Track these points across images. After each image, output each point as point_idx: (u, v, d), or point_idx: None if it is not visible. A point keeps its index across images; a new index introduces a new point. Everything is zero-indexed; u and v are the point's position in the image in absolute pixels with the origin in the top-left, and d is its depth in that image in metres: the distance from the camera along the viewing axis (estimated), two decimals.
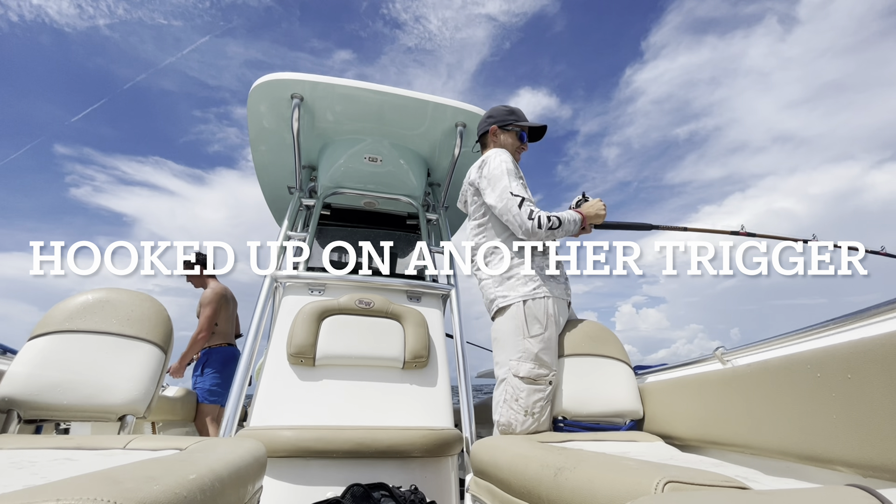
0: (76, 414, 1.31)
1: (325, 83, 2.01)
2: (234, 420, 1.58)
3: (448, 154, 2.41)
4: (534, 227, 1.57)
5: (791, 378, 1.04)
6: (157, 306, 1.50)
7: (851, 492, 0.53)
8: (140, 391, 1.34)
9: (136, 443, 0.99)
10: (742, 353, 1.37)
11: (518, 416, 1.50)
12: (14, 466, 0.77)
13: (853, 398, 0.88)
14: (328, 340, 1.73)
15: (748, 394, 1.18)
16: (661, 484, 0.65)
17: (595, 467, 0.80)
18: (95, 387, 1.30)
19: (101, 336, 1.37)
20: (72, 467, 0.77)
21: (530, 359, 1.53)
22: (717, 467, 1.01)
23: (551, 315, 1.57)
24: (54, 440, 1.02)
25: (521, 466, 1.00)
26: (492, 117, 1.88)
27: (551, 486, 0.85)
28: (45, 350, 1.31)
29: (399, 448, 1.48)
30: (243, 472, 0.83)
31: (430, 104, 2.13)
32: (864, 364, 0.87)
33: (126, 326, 1.41)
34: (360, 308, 1.81)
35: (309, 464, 1.45)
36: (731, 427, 1.24)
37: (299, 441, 1.43)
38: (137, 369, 1.36)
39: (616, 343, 1.73)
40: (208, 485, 0.65)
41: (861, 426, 0.87)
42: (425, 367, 1.81)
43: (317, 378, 1.70)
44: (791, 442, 1.03)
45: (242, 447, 0.93)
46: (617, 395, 1.61)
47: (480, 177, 1.72)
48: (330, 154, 2.41)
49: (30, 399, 1.24)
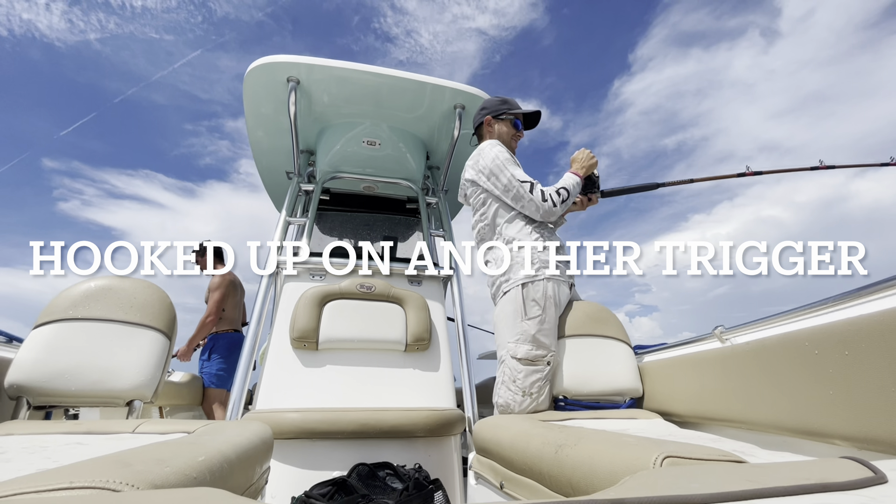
0: (85, 399, 1.33)
1: (322, 65, 1.98)
2: (240, 403, 1.61)
3: (447, 137, 2.38)
4: (550, 208, 1.63)
5: (789, 355, 1.06)
6: (160, 293, 1.51)
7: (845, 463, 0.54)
8: (146, 376, 1.36)
9: (144, 427, 1.01)
10: (741, 332, 1.38)
11: (516, 396, 1.53)
12: (26, 451, 0.78)
13: (850, 374, 0.90)
14: (330, 324, 1.74)
15: (746, 371, 1.20)
16: (660, 459, 0.66)
17: (595, 444, 0.81)
18: (102, 373, 1.32)
19: (106, 323, 1.38)
20: (83, 451, 0.79)
21: (528, 340, 1.54)
22: (714, 442, 1.03)
23: (550, 297, 1.59)
24: (64, 425, 1.04)
25: (523, 444, 1.02)
26: (485, 108, 1.89)
27: (552, 462, 0.87)
28: (51, 338, 1.32)
29: (403, 428, 1.50)
30: (251, 454, 0.85)
31: (429, 86, 2.10)
32: (861, 340, 0.88)
33: (130, 313, 1.42)
34: (361, 292, 1.82)
35: (315, 445, 1.48)
36: (728, 403, 1.26)
37: (305, 423, 1.45)
38: (143, 355, 1.38)
39: (616, 323, 1.74)
40: (217, 466, 0.66)
41: (857, 401, 0.88)
42: (427, 350, 1.83)
43: (320, 362, 1.72)
44: (788, 417, 1.05)
45: (249, 429, 0.95)
46: (617, 374, 1.64)
47: (478, 172, 1.73)
48: (328, 138, 2.38)
49: (38, 386, 1.26)
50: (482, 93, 2.16)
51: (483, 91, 2.16)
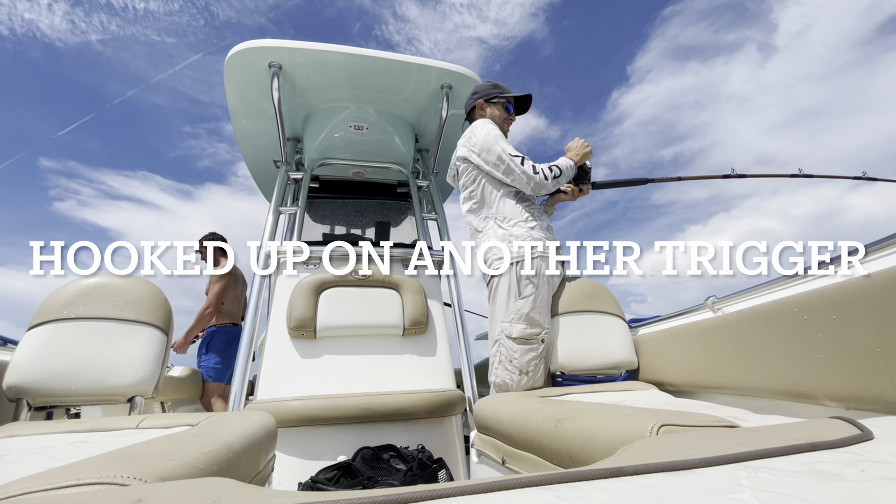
0: (85, 398, 1.33)
1: (304, 49, 1.93)
2: (241, 394, 1.62)
3: (435, 118, 2.35)
4: (541, 180, 1.62)
5: (779, 321, 1.08)
6: (154, 289, 1.50)
7: (833, 423, 0.56)
8: (146, 372, 1.36)
9: (148, 422, 1.02)
10: (732, 301, 1.40)
11: (513, 375, 1.55)
12: (31, 452, 0.79)
13: (838, 337, 0.92)
14: (327, 312, 1.74)
15: (738, 339, 1.22)
16: (656, 427, 0.68)
17: (593, 416, 0.83)
18: (102, 371, 1.31)
19: (101, 322, 1.38)
20: (88, 449, 0.79)
21: (522, 319, 1.56)
22: (708, 409, 1.06)
23: (542, 274, 1.60)
24: (67, 424, 1.04)
25: (523, 420, 1.04)
26: (476, 93, 1.87)
27: (552, 436, 0.89)
28: (47, 338, 1.31)
29: (405, 411, 1.53)
30: (256, 443, 0.86)
31: (414, 66, 2.06)
32: (849, 304, 0.90)
33: (125, 311, 1.41)
34: (357, 279, 1.82)
35: (318, 431, 1.50)
36: (722, 371, 1.29)
37: (308, 410, 1.47)
38: (141, 351, 1.37)
39: (610, 298, 1.76)
40: (223, 456, 0.67)
41: (845, 362, 0.91)
42: (425, 333, 1.85)
43: (319, 350, 1.73)
44: (779, 381, 1.08)
45: (253, 419, 0.96)
46: (612, 347, 1.66)
47: (470, 149, 1.72)
48: (314, 124, 2.34)
49: (38, 386, 1.26)
50: (469, 71, 2.12)
51: (469, 70, 2.13)
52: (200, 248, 3.26)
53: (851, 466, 0.41)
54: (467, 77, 2.12)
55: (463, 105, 2.25)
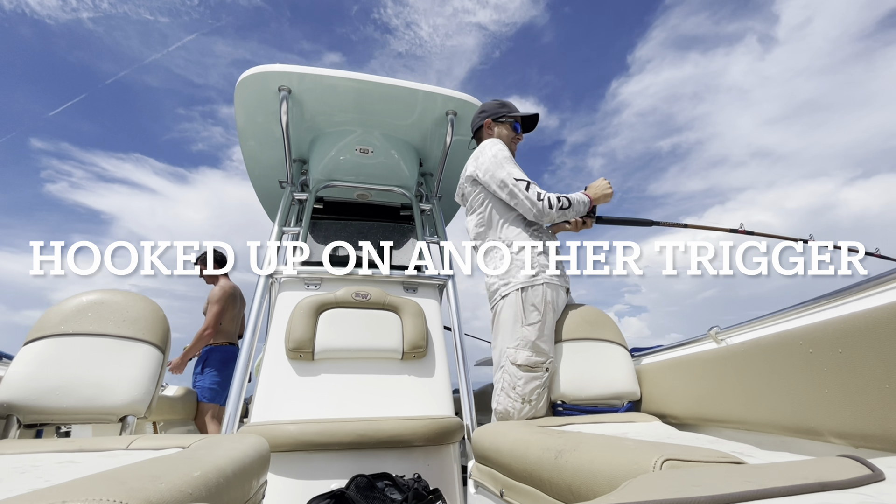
0: (77, 416, 1.31)
1: (313, 75, 1.99)
2: (235, 416, 1.59)
3: (440, 143, 2.39)
4: (544, 208, 1.60)
5: (784, 354, 1.06)
6: (153, 306, 1.49)
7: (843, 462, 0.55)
8: (140, 391, 1.34)
9: (138, 443, 0.99)
10: (736, 332, 1.39)
11: (515, 403, 1.52)
12: (17, 471, 0.77)
13: (845, 372, 0.90)
14: (326, 334, 1.73)
15: (742, 371, 1.20)
16: (660, 462, 0.66)
17: (594, 448, 0.81)
18: (95, 388, 1.30)
19: (98, 338, 1.36)
20: (76, 469, 0.77)
21: (528, 346, 1.54)
22: (712, 444, 1.03)
23: (549, 302, 1.59)
24: (56, 443, 1.02)
25: (522, 450, 1.02)
26: (484, 111, 1.89)
27: (552, 468, 0.86)
28: (43, 354, 1.30)
29: (401, 438, 1.49)
30: (247, 468, 0.84)
31: (420, 93, 2.11)
32: (855, 338, 0.89)
33: (122, 327, 1.40)
34: (357, 301, 1.81)
35: (312, 457, 1.46)
36: (726, 404, 1.27)
37: (302, 435, 1.44)
38: (136, 370, 1.36)
39: (613, 327, 1.74)
40: (213, 481, 0.65)
41: (853, 398, 0.89)
42: (424, 357, 1.83)
43: (316, 372, 1.71)
44: (785, 416, 1.05)
45: (245, 443, 0.94)
46: (614, 377, 1.64)
47: (477, 168, 1.72)
48: (320, 147, 2.38)
49: (29, 403, 1.24)
50: (473, 99, 2.18)
51: (474, 97, 2.18)
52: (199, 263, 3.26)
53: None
54: (471, 104, 2.17)
55: (467, 131, 2.30)
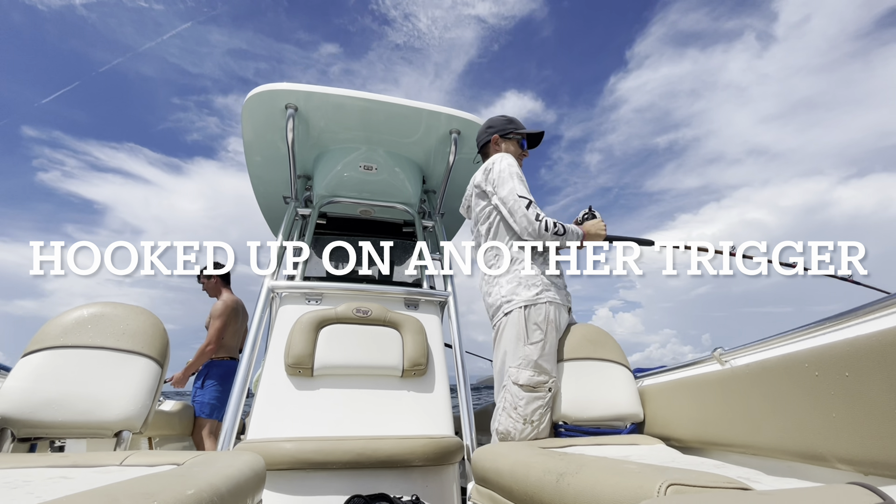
0: (71, 431, 1.29)
1: (320, 93, 2.02)
2: (232, 433, 1.56)
3: (443, 161, 2.42)
4: (540, 229, 1.60)
5: (789, 377, 1.05)
6: (153, 319, 1.49)
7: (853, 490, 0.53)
8: (136, 406, 1.32)
9: (132, 459, 0.98)
10: (740, 354, 1.37)
11: (517, 424, 1.50)
12: (8, 486, 0.75)
13: (852, 396, 0.89)
14: (326, 350, 1.72)
15: (747, 394, 1.18)
16: (664, 487, 0.65)
17: (597, 471, 0.79)
18: (91, 402, 1.28)
19: (97, 351, 1.36)
20: (67, 486, 0.76)
21: (530, 366, 1.52)
22: (718, 469, 1.01)
23: (552, 321, 1.57)
24: (49, 458, 1.00)
25: (523, 473, 1.00)
26: (492, 127, 1.90)
27: (554, 491, 0.84)
28: (40, 366, 1.29)
29: (400, 457, 1.46)
30: (242, 486, 0.82)
31: (425, 112, 2.14)
32: (862, 361, 0.88)
33: (122, 341, 1.39)
34: (357, 317, 1.81)
35: (309, 476, 1.43)
36: (731, 428, 1.24)
37: (299, 453, 1.41)
38: (133, 384, 1.35)
39: (615, 346, 1.73)
40: (207, 500, 0.64)
41: (860, 424, 0.87)
42: (424, 375, 1.81)
43: (315, 388, 1.69)
44: (791, 441, 1.03)
45: (241, 461, 0.92)
46: (617, 398, 1.61)
47: (486, 180, 1.73)
48: (325, 163, 2.41)
49: (24, 417, 1.22)
50: (477, 118, 2.21)
51: (477, 116, 2.21)
52: (202, 279, 3.28)
53: None
54: (475, 123, 2.20)
55: (470, 150, 2.32)
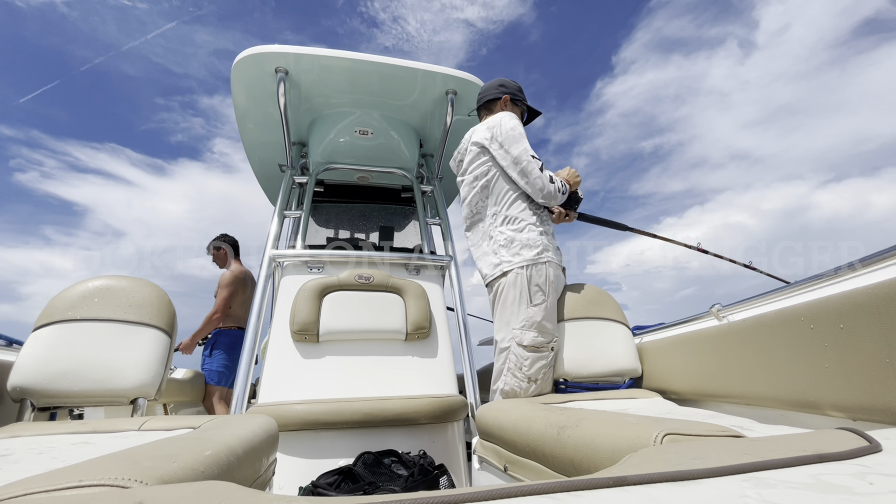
0: (89, 399, 1.33)
1: (310, 55, 1.95)
2: (243, 398, 1.62)
3: (440, 123, 2.36)
4: (554, 191, 1.61)
5: (785, 330, 1.07)
6: (158, 291, 1.51)
7: (841, 434, 0.56)
8: (149, 374, 1.36)
9: (150, 424, 1.02)
10: (738, 309, 1.39)
11: (522, 383, 1.53)
12: (33, 452, 0.79)
13: (845, 346, 0.91)
14: (330, 316, 1.74)
15: (743, 348, 1.21)
16: (660, 436, 0.67)
17: (596, 424, 0.82)
18: (105, 372, 1.32)
19: (106, 323, 1.38)
20: (90, 450, 0.79)
21: (534, 327, 1.53)
22: (713, 418, 1.05)
23: (552, 282, 1.58)
24: (70, 425, 1.04)
25: (526, 427, 1.03)
26: (504, 86, 1.84)
27: (555, 443, 0.88)
28: (52, 339, 1.32)
29: (406, 416, 1.52)
30: (257, 446, 0.85)
31: (419, 72, 2.07)
32: (856, 314, 0.89)
33: (129, 312, 1.42)
34: (360, 283, 1.82)
35: (320, 435, 1.49)
36: (727, 380, 1.28)
37: (309, 414, 1.47)
38: (145, 353, 1.38)
39: (613, 305, 1.75)
40: (224, 460, 0.67)
41: (852, 372, 0.89)
42: (427, 338, 1.84)
43: (321, 354, 1.73)
44: (784, 391, 1.07)
45: (254, 422, 0.96)
46: (615, 354, 1.65)
47: (491, 138, 1.67)
48: (319, 129, 2.36)
49: (42, 387, 1.26)
50: (474, 77, 2.14)
51: (474, 76, 2.14)
52: (213, 250, 3.30)
53: (859, 479, 0.41)
54: (472, 83, 2.13)
55: (467, 111, 2.25)
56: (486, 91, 1.87)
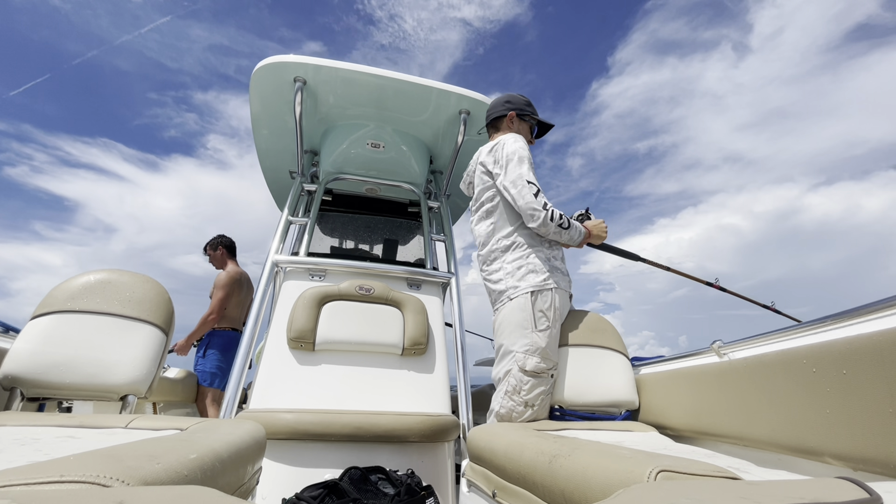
0: (78, 392, 1.32)
1: (329, 66, 1.99)
2: (234, 402, 1.60)
3: (451, 141, 2.39)
4: (545, 219, 1.57)
5: (787, 372, 1.05)
6: (158, 288, 1.51)
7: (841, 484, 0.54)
8: (141, 371, 1.35)
9: (137, 422, 1.01)
10: (739, 347, 1.37)
11: (518, 407, 1.51)
12: (17, 443, 0.78)
13: (848, 393, 0.89)
14: (328, 326, 1.74)
15: (743, 387, 1.19)
16: (654, 472, 0.66)
17: (590, 455, 0.81)
18: (97, 366, 1.31)
19: (103, 317, 1.38)
20: (75, 445, 0.78)
21: (538, 353, 1.52)
22: (709, 458, 1.02)
23: (557, 308, 1.57)
24: (57, 418, 1.03)
25: (517, 453, 1.01)
26: (510, 103, 1.85)
27: (546, 472, 0.86)
28: (48, 329, 1.32)
29: (397, 433, 1.50)
30: (243, 453, 0.84)
31: (434, 90, 2.11)
32: (860, 360, 0.88)
33: (127, 307, 1.42)
34: (360, 294, 1.82)
35: (307, 446, 1.47)
36: (724, 419, 1.26)
37: (299, 424, 1.45)
38: (139, 350, 1.37)
39: (614, 334, 1.73)
40: (209, 464, 0.66)
41: (854, 421, 0.88)
42: (424, 354, 1.83)
43: (316, 363, 1.72)
44: (784, 435, 1.04)
45: (242, 428, 0.95)
46: (613, 385, 1.63)
47: (494, 160, 1.69)
48: (332, 139, 2.39)
49: (33, 377, 1.25)
50: (487, 98, 2.17)
51: (487, 97, 2.18)
52: (209, 251, 3.32)
53: None
54: (485, 104, 2.16)
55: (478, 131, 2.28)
56: (492, 108, 1.89)
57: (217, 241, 3.32)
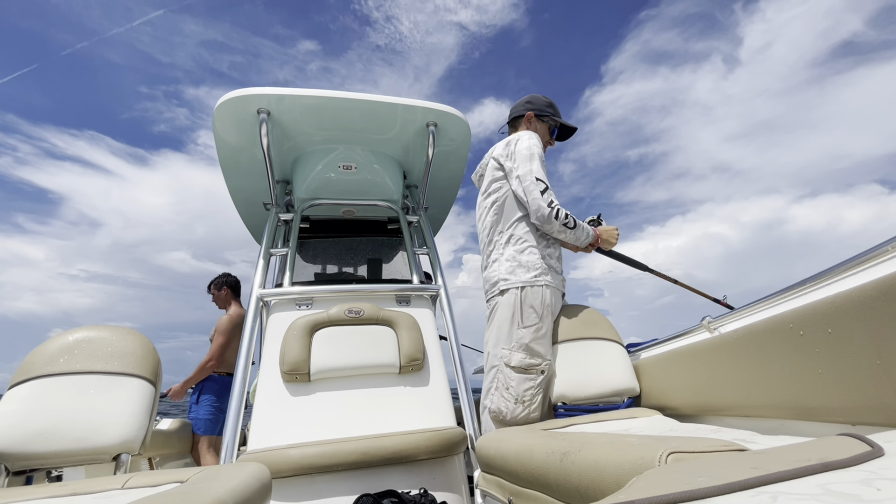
0: (67, 459, 1.26)
1: (291, 95, 1.99)
2: (233, 445, 1.55)
3: (422, 155, 2.40)
4: (550, 216, 1.59)
5: (776, 339, 1.08)
6: (141, 339, 1.46)
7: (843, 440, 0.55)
8: (133, 428, 1.30)
9: (134, 481, 0.97)
10: (728, 320, 1.40)
11: (509, 403, 1.52)
12: None
13: (836, 351, 0.92)
14: (321, 354, 1.71)
15: (737, 359, 1.22)
16: (665, 455, 0.66)
17: (599, 448, 0.81)
18: (85, 429, 1.26)
19: (86, 376, 1.33)
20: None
21: (521, 349, 1.54)
22: (714, 433, 1.03)
23: (548, 305, 1.58)
24: (47, 489, 0.98)
25: (527, 456, 1.01)
26: (530, 103, 1.88)
27: (558, 471, 0.86)
28: (28, 397, 1.26)
29: (404, 453, 1.47)
30: (249, 498, 0.81)
31: (399, 107, 2.12)
32: (844, 317, 0.90)
33: (111, 363, 1.37)
34: (350, 318, 1.80)
35: (315, 480, 1.43)
36: (724, 393, 1.28)
37: (303, 458, 1.41)
38: (128, 405, 1.32)
39: (606, 324, 1.75)
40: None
41: (845, 377, 0.90)
42: (422, 370, 1.81)
43: (313, 393, 1.68)
44: (782, 400, 1.06)
45: (245, 472, 0.92)
46: (612, 374, 1.64)
47: (507, 155, 1.71)
48: (303, 166, 2.38)
49: (16, 450, 1.19)
50: (454, 110, 2.19)
51: (454, 108, 2.20)
52: (213, 291, 3.22)
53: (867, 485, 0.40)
54: (452, 115, 2.18)
55: (449, 142, 2.30)
56: (514, 108, 1.93)
57: (221, 280, 3.23)
